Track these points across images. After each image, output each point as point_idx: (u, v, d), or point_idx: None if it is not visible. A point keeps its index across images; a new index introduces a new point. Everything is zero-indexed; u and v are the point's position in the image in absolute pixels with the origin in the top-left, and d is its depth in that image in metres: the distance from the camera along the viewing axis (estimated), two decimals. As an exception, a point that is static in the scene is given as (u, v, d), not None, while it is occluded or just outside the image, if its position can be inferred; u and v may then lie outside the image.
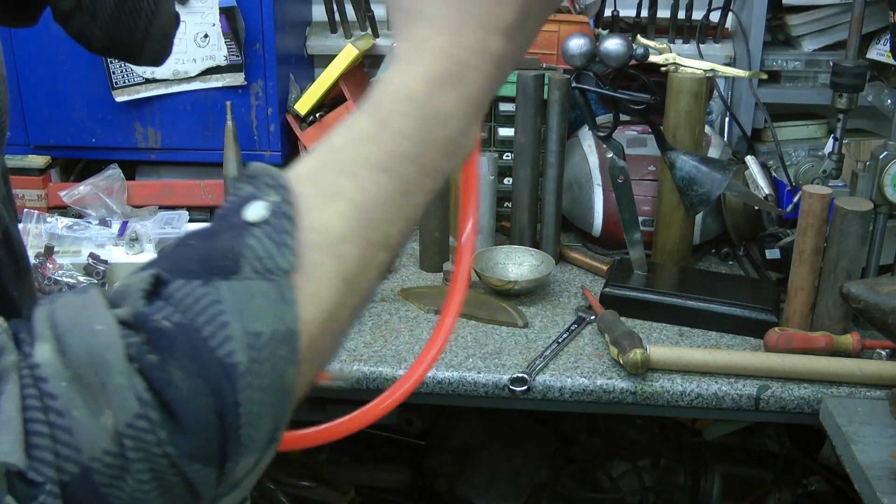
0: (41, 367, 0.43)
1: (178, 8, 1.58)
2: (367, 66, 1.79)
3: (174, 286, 0.42)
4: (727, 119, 1.78)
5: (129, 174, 1.66)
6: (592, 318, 1.29)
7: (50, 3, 0.84)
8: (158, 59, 0.90)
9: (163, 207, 1.61)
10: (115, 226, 1.47)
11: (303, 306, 0.43)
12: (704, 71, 1.33)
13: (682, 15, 1.80)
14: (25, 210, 1.46)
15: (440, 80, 0.46)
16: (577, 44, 1.31)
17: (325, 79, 1.64)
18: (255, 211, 0.44)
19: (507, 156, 1.57)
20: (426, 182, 0.47)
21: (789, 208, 1.39)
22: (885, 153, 1.23)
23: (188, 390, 0.41)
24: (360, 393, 1.18)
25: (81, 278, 1.32)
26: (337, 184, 0.45)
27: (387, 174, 0.45)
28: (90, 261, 1.35)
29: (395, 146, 0.45)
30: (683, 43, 1.81)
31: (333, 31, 1.80)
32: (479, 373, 1.16)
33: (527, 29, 0.48)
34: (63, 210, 1.57)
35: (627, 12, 1.84)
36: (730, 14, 1.80)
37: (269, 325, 0.42)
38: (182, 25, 1.58)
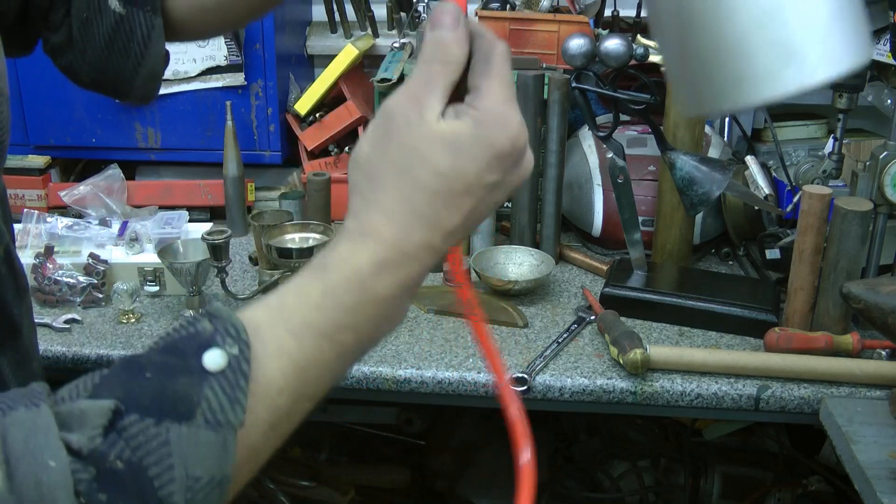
0: None
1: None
2: (366, 66, 1.79)
3: (129, 420, 0.46)
4: (727, 119, 1.78)
5: (129, 174, 1.66)
6: (592, 318, 1.29)
7: (42, 35, 0.84)
8: (146, 97, 0.89)
9: (163, 207, 1.61)
10: (115, 226, 1.47)
11: (237, 453, 0.48)
12: (704, 71, 1.33)
13: (682, 15, 1.80)
14: (25, 210, 1.46)
15: (384, 265, 0.51)
16: (577, 44, 1.31)
17: (325, 79, 1.64)
18: (214, 359, 0.48)
19: (507, 156, 1.57)
20: (360, 347, 0.53)
21: (789, 208, 1.39)
22: (885, 153, 1.23)
23: None
24: (360, 392, 1.18)
25: (81, 278, 1.32)
26: (283, 342, 0.50)
27: (327, 340, 0.51)
28: (90, 261, 1.35)
29: (337, 316, 0.51)
30: (683, 43, 1.81)
31: (333, 31, 1.80)
32: (479, 373, 1.16)
33: (467, 228, 0.54)
34: (63, 210, 1.57)
35: (627, 12, 1.84)
36: (730, 14, 1.79)
37: (209, 471, 0.47)
38: (182, 25, 1.59)
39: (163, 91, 1.58)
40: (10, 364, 0.68)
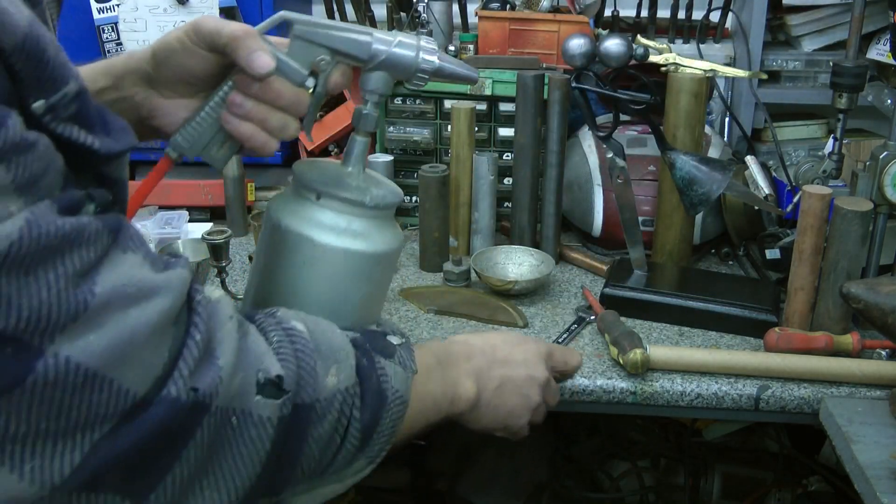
0: (295, 330, 0.72)
1: (179, 8, 1.59)
2: (367, 66, 1.79)
3: (373, 355, 0.82)
4: (727, 119, 1.78)
5: (130, 174, 1.66)
6: (592, 318, 1.29)
7: None
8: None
9: (163, 207, 1.61)
10: (115, 226, 1.47)
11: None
12: (704, 71, 1.33)
13: (682, 15, 1.80)
14: (25, 210, 1.45)
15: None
16: (577, 44, 1.31)
17: (325, 79, 1.63)
18: (394, 339, 0.86)
19: (507, 156, 1.57)
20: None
21: (789, 208, 1.39)
22: (885, 153, 1.23)
23: (370, 395, 0.78)
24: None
25: (81, 278, 1.32)
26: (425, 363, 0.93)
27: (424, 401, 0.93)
28: (90, 261, 1.34)
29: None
30: (683, 43, 1.82)
31: (333, 31, 1.80)
32: (479, 373, 1.16)
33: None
34: (63, 210, 1.57)
35: (627, 12, 1.84)
36: (730, 14, 1.80)
37: (403, 389, 0.83)
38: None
39: (163, 91, 1.58)
40: None
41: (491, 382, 0.96)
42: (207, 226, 1.46)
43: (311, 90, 0.81)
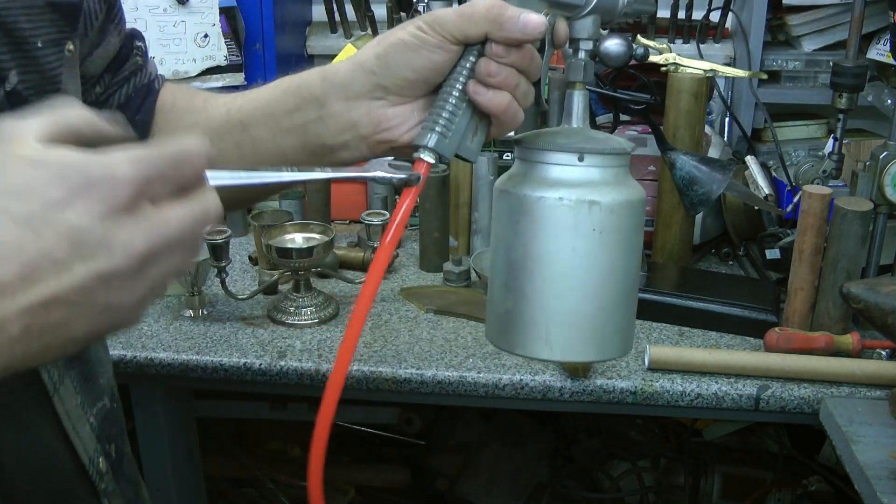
0: None
1: (179, 8, 1.59)
2: (367, 66, 1.79)
3: None
4: (727, 119, 1.78)
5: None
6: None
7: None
8: None
9: (163, 207, 1.61)
10: (115, 226, 1.47)
11: None
12: (704, 71, 1.33)
13: (682, 15, 1.80)
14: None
15: None
16: (577, 44, 1.31)
17: (325, 79, 1.63)
18: None
19: (507, 156, 1.57)
20: None
21: (789, 208, 1.39)
22: (885, 153, 1.22)
23: None
24: (360, 392, 1.18)
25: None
26: None
27: None
28: (90, 261, 1.34)
29: None
30: (683, 43, 1.81)
31: (333, 31, 1.80)
32: (479, 373, 1.16)
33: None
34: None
35: (627, 12, 1.84)
36: (730, 14, 1.80)
37: None
38: (182, 25, 1.59)
39: (163, 91, 1.58)
40: (78, 378, 0.69)
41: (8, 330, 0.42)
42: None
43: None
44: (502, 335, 0.69)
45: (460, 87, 0.69)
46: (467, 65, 0.69)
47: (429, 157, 0.67)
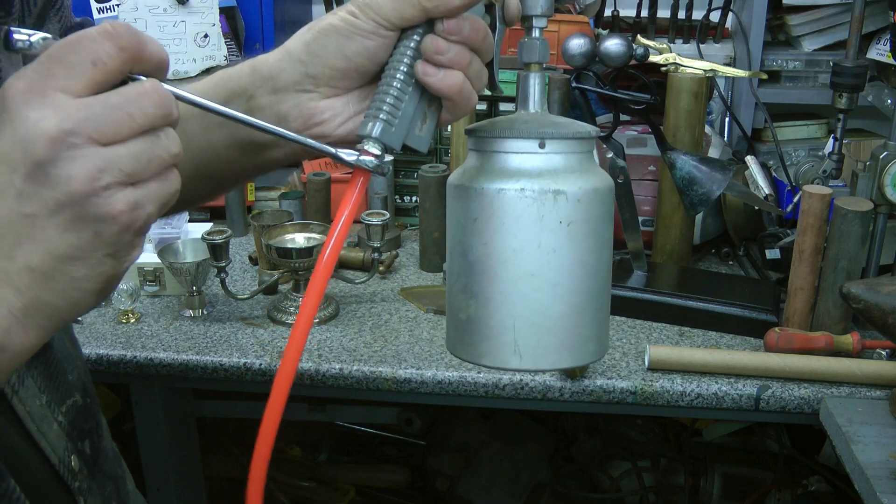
0: None
1: (179, 8, 1.59)
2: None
3: None
4: (727, 119, 1.78)
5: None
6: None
7: None
8: None
9: (163, 207, 1.61)
10: (115, 226, 1.47)
11: None
12: (704, 71, 1.33)
13: (682, 15, 1.80)
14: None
15: None
16: (577, 44, 1.31)
17: (325, 79, 1.63)
18: None
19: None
20: None
21: (789, 208, 1.39)
22: (885, 153, 1.22)
23: None
24: (360, 392, 1.18)
25: (81, 278, 1.32)
26: None
27: None
28: (90, 261, 1.34)
29: None
30: (683, 43, 1.82)
31: (333, 31, 1.80)
32: (479, 373, 1.16)
33: None
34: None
35: (627, 12, 1.84)
36: (730, 14, 1.80)
37: None
38: (182, 25, 1.59)
39: (163, 91, 1.58)
40: (42, 377, 0.67)
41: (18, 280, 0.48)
42: (207, 226, 1.46)
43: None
44: (465, 345, 0.63)
45: (405, 70, 0.63)
46: (411, 44, 0.63)
47: (374, 149, 0.61)
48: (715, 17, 1.79)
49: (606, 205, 0.64)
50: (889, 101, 1.59)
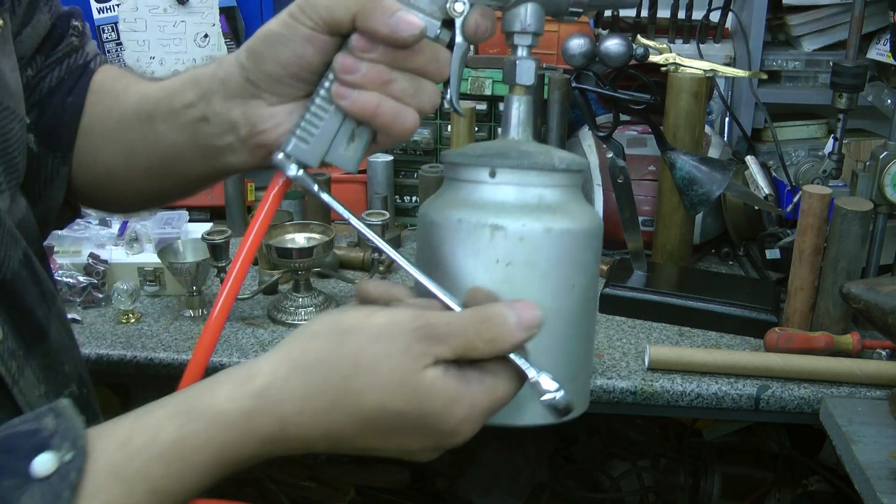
0: None
1: (179, 8, 1.59)
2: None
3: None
4: (727, 119, 1.78)
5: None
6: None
7: None
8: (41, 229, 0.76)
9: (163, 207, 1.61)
10: (115, 226, 1.47)
11: None
12: (704, 71, 1.33)
13: (682, 15, 1.80)
14: (25, 210, 1.45)
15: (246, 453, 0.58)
16: (577, 44, 1.31)
17: (325, 79, 1.63)
18: (44, 463, 0.49)
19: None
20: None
21: (789, 208, 1.39)
22: (885, 153, 1.22)
23: None
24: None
25: (81, 278, 1.32)
26: (118, 469, 0.52)
27: (155, 496, 0.53)
28: (90, 261, 1.35)
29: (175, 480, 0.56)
30: (683, 43, 1.81)
31: (333, 31, 1.80)
32: (479, 373, 1.16)
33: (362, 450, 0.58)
34: (63, 210, 1.57)
35: (627, 12, 1.84)
36: (730, 14, 1.80)
37: None
38: (182, 25, 1.59)
39: (163, 91, 1.58)
40: (41, 368, 0.67)
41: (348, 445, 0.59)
42: (207, 226, 1.46)
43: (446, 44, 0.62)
44: None
45: (326, 86, 0.60)
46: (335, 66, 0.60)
47: (287, 165, 0.60)
48: (715, 17, 1.79)
49: (575, 249, 0.59)
50: (889, 101, 1.59)
